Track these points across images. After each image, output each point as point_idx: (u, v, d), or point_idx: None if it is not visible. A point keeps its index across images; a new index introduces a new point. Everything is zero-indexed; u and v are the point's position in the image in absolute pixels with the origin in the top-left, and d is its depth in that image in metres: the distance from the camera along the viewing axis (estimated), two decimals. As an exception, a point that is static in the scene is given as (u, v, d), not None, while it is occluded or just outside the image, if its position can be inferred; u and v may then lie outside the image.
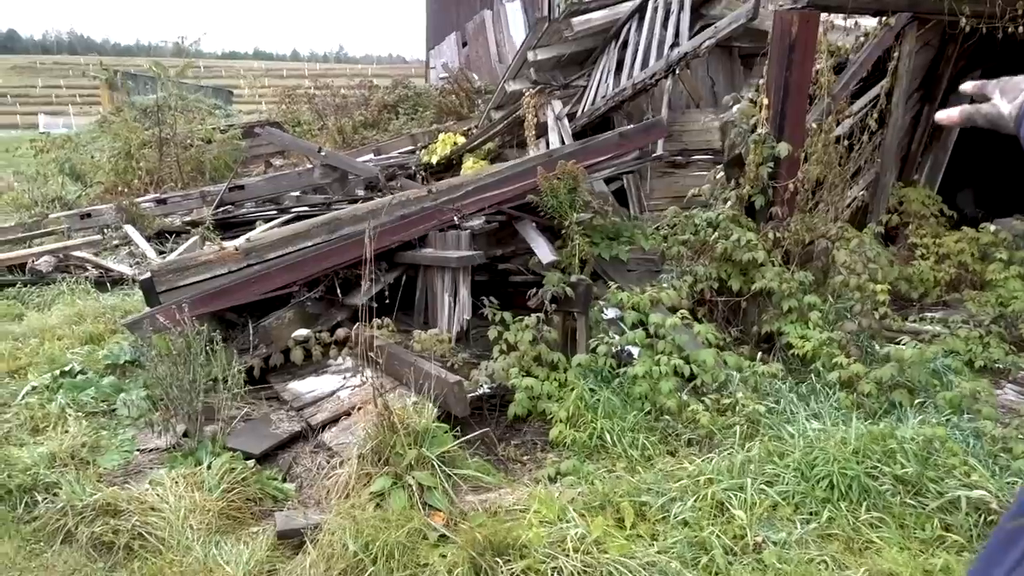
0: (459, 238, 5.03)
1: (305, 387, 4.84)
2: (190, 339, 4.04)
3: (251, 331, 4.93)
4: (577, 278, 4.89)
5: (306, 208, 10.03)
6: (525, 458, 4.25)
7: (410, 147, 13.45)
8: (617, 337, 5.12)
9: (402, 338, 4.97)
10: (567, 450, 4.15)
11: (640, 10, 9.72)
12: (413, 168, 11.84)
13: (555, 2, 15.59)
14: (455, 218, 5.10)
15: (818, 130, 6.22)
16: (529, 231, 5.03)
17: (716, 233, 5.93)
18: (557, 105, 10.65)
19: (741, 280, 5.83)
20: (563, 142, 10.57)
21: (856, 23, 6.91)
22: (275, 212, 9.82)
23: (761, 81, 6.85)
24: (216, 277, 5.08)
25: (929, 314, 6.48)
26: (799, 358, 5.36)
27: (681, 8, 8.56)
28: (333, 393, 4.71)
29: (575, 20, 10.00)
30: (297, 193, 10.72)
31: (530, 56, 10.58)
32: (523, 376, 4.43)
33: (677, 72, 8.54)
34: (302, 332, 5.13)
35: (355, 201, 10.36)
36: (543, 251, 4.72)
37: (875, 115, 6.68)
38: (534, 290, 4.81)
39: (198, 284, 5.04)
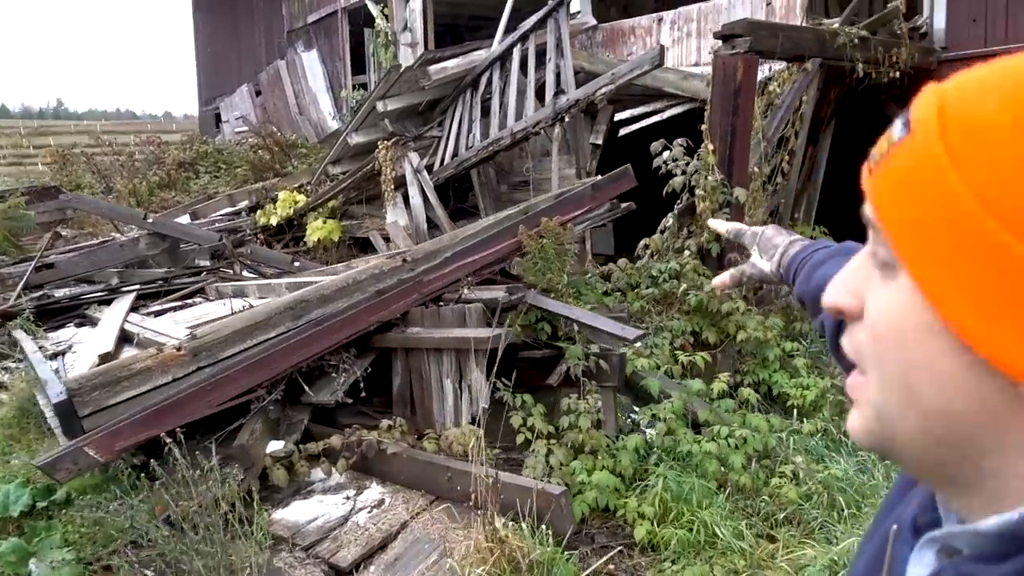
0: (465, 313, 4.29)
1: (301, 515, 3.83)
2: (217, 487, 2.99)
3: (214, 454, 3.84)
4: (601, 347, 4.35)
5: (138, 286, 8.53)
6: (613, 567, 3.60)
7: (230, 208, 12.11)
8: (636, 414, 4.65)
9: (412, 440, 4.13)
10: (661, 551, 3.57)
11: (502, 58, 9.43)
12: (248, 231, 10.60)
13: (369, 52, 14.93)
14: (464, 290, 4.36)
15: (759, 173, 6.20)
16: (548, 303, 4.41)
17: (683, 284, 5.67)
18: (414, 157, 10.04)
19: (715, 331, 5.59)
20: (424, 196, 9.98)
21: (770, 67, 7.07)
22: (104, 293, 8.23)
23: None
24: (158, 388, 3.94)
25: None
26: (790, 408, 5.18)
27: (560, 55, 8.36)
28: (346, 519, 3.76)
29: (432, 68, 9.49)
30: (117, 269, 9.10)
31: (379, 107, 9.89)
32: (590, 470, 3.80)
33: (566, 120, 8.31)
34: (277, 446, 4.12)
35: (199, 273, 9.01)
36: (610, 325, 4.12)
37: (787, 157, 6.82)
38: (564, 367, 4.21)
39: (136, 399, 3.88)
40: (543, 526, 3.14)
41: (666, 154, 6.20)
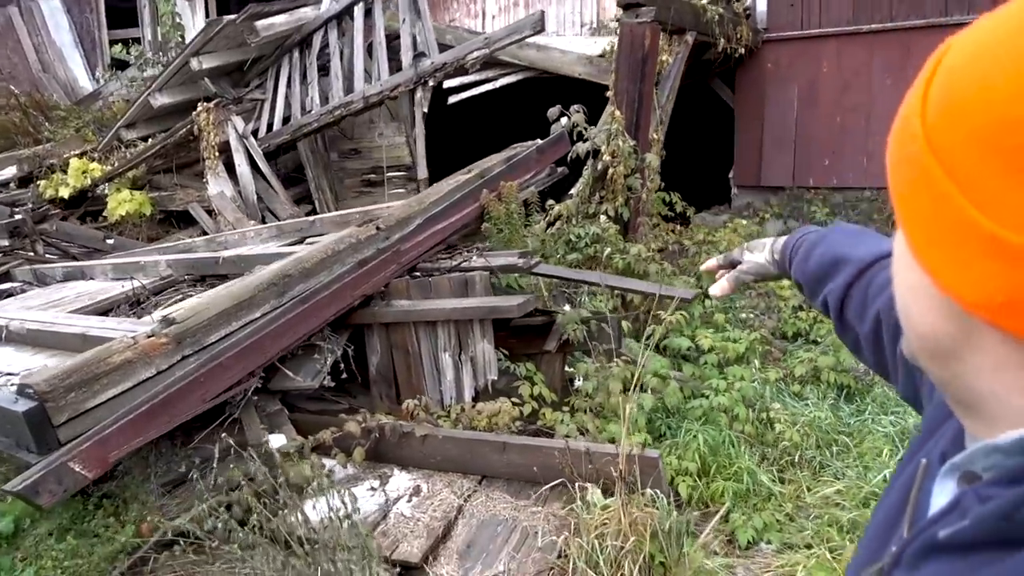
0: (467, 282, 4.00)
1: (325, 514, 3.42)
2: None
3: (216, 456, 3.31)
4: (592, 311, 4.32)
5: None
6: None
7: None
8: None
9: (430, 420, 3.83)
10: (709, 505, 3.66)
11: (339, 17, 8.84)
12: (31, 205, 9.05)
13: (141, 3, 13.26)
14: (474, 258, 4.06)
15: (657, 139, 6.45)
16: (560, 270, 4.26)
17: (608, 248, 5.77)
18: (239, 122, 9.17)
19: (640, 294, 5.77)
20: (253, 163, 9.17)
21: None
22: None
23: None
24: (142, 384, 3.30)
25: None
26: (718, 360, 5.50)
27: (418, 16, 8.02)
28: (385, 513, 3.42)
29: (259, 24, 8.68)
30: None
31: (194, 64, 8.89)
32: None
33: (430, 84, 8.02)
34: (280, 440, 3.63)
35: (-9, 255, 7.56)
36: (658, 288, 4.04)
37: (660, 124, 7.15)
38: (571, 330, 4.12)
39: (117, 399, 3.21)
40: (648, 491, 3.08)
41: (564, 120, 6.23)
